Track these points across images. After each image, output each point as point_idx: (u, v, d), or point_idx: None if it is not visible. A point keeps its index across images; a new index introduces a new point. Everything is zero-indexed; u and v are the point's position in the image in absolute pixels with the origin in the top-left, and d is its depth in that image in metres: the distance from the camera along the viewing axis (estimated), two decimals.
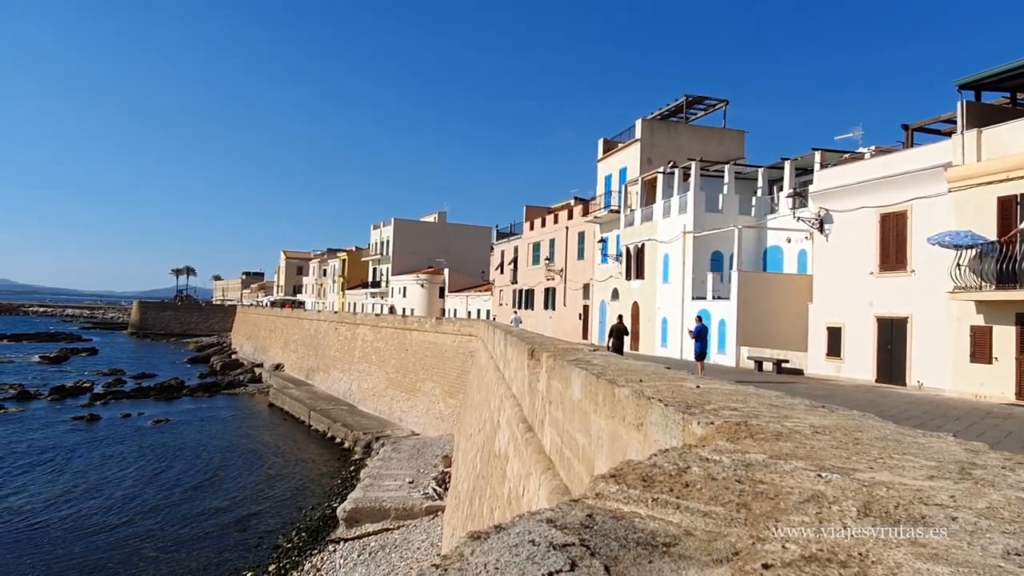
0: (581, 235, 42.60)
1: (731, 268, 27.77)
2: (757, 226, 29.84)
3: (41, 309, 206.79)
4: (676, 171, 32.14)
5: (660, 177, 33.03)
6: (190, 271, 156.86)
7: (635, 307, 34.26)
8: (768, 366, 24.29)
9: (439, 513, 22.44)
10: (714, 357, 27.03)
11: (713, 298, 28.06)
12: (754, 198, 31.21)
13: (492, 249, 61.36)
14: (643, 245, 33.66)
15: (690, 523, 1.53)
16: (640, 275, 33.91)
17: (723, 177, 31.55)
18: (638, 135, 37.00)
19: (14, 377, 60.63)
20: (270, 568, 20.71)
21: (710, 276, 28.66)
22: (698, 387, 4.21)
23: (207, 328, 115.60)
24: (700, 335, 21.30)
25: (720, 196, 30.81)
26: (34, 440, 37.48)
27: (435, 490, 24.15)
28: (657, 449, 2.51)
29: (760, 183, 31.42)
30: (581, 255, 42.55)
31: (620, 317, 26.07)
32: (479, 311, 58.66)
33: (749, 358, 25.51)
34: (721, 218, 29.92)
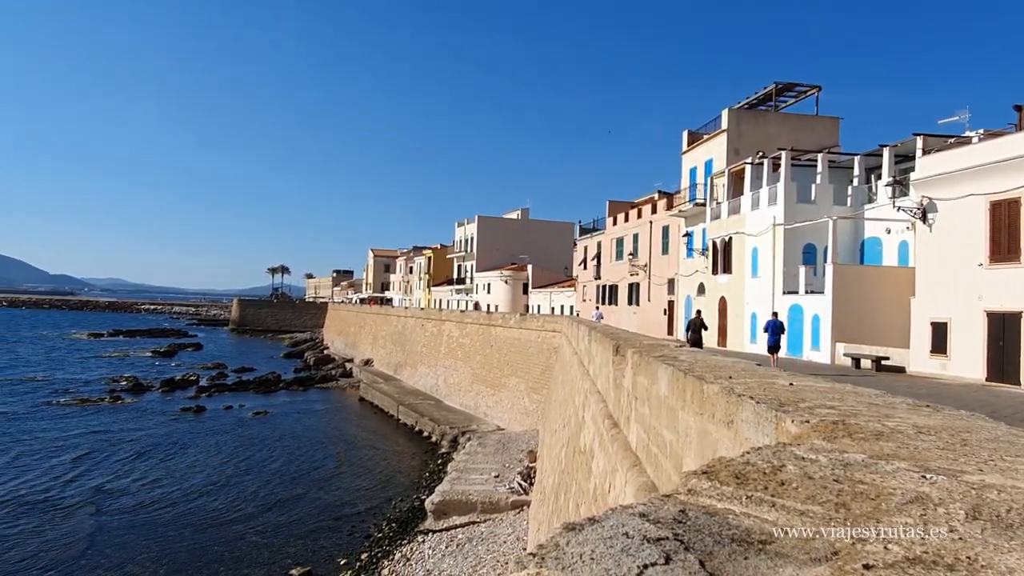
0: (665, 229, 41.86)
1: (825, 261, 26.64)
2: (853, 217, 28.48)
3: (151, 307, 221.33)
4: (765, 161, 31.05)
5: (748, 168, 32.01)
6: (284, 270, 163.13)
7: (722, 302, 33.40)
8: (866, 363, 23.20)
9: (524, 507, 22.62)
10: (807, 354, 26.06)
11: (806, 292, 27.01)
12: (850, 187, 29.78)
13: (575, 245, 61.19)
14: (730, 238, 32.75)
15: (786, 521, 1.52)
16: (727, 269, 33.03)
17: (816, 166, 30.26)
18: (724, 125, 35.97)
19: (130, 370, 65.37)
20: (362, 556, 21.45)
21: (802, 270, 27.57)
22: (791, 384, 4.10)
23: (301, 324, 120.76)
24: (770, 329, 21.12)
25: (813, 186, 29.58)
26: (148, 429, 40.20)
27: (520, 485, 24.35)
28: (749, 447, 2.48)
29: (856, 171, 29.91)
30: (665, 250, 41.81)
31: (699, 312, 26.35)
32: (562, 307, 58.64)
33: (846, 355, 24.43)
34: (814, 209, 28.69)
